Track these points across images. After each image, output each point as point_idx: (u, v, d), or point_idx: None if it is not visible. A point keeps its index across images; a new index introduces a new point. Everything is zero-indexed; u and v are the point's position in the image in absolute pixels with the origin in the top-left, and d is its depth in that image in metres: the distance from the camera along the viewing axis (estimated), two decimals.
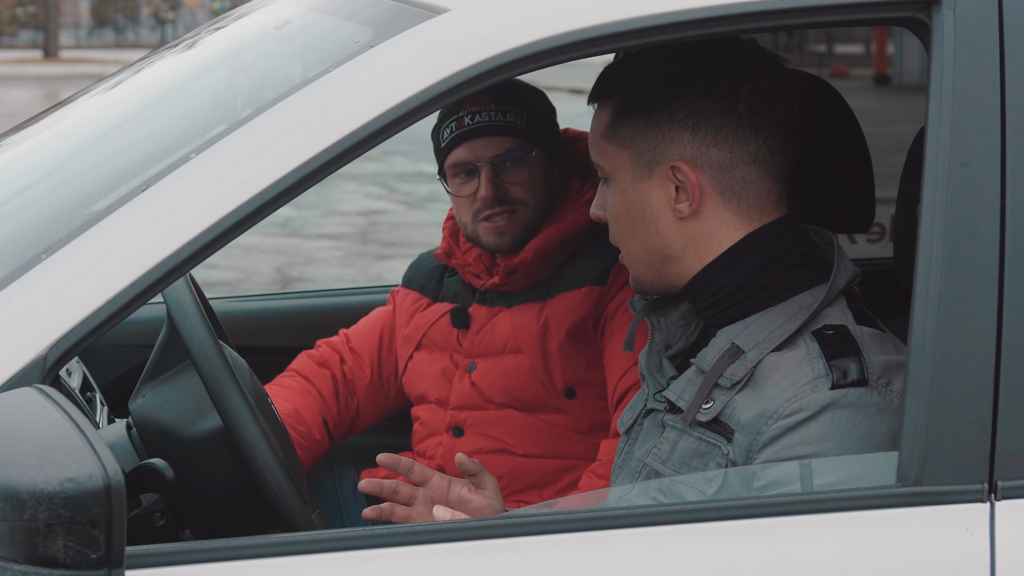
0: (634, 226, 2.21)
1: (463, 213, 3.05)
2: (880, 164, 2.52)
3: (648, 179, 2.18)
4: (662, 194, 2.18)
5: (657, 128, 2.17)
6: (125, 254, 1.84)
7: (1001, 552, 1.87)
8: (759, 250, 2.17)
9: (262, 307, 3.96)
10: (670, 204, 2.18)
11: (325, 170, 1.88)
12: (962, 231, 1.90)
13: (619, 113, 2.20)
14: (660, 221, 2.19)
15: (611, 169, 2.21)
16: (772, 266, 2.17)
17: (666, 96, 2.17)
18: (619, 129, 2.19)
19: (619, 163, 2.20)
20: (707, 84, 2.16)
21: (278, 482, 2.22)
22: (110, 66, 28.44)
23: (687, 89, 2.16)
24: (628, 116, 2.19)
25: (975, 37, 1.94)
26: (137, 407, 2.37)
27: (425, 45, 1.94)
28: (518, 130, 3.01)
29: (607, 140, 2.21)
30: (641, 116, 2.18)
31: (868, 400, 2.06)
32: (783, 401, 2.07)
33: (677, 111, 2.16)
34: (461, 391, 3.10)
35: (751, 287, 2.17)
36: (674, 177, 2.16)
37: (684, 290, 2.22)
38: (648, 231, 2.20)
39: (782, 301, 2.16)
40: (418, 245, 10.40)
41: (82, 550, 1.62)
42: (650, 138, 2.17)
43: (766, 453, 2.06)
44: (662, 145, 2.17)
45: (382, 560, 1.82)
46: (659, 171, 2.17)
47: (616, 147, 2.20)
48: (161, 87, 2.56)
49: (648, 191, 2.18)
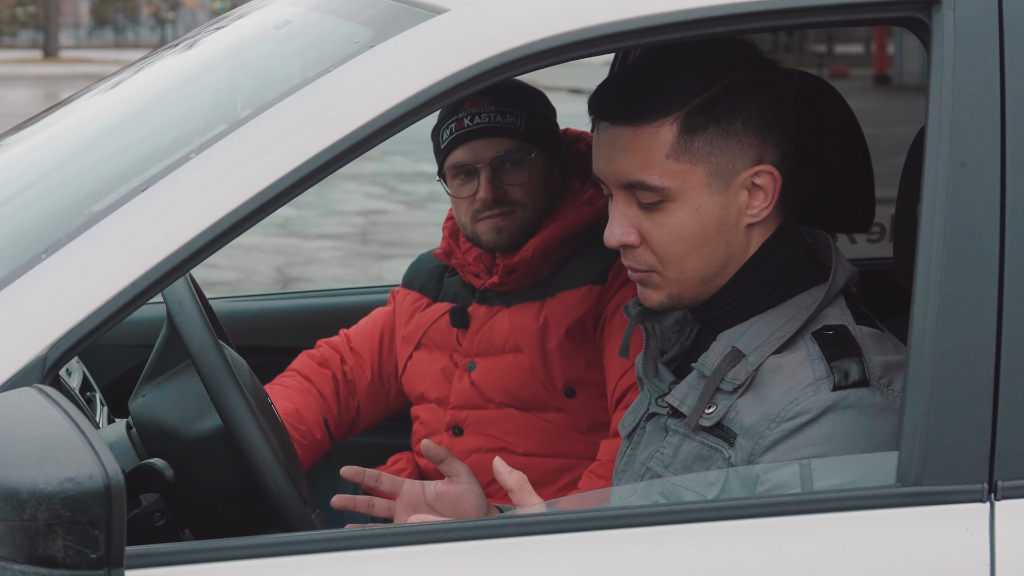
0: (706, 241, 2.12)
1: (462, 214, 3.05)
2: (880, 164, 2.52)
3: (727, 190, 2.11)
4: (737, 202, 2.12)
5: (735, 137, 2.10)
6: (125, 254, 1.84)
7: (1001, 552, 1.87)
8: (777, 254, 2.16)
9: (262, 307, 3.96)
10: (743, 211, 2.13)
11: (325, 170, 1.88)
12: (962, 231, 1.90)
13: (689, 128, 2.09)
14: (731, 232, 2.13)
15: (680, 187, 2.10)
16: (784, 270, 2.17)
17: (733, 102, 2.10)
18: (692, 144, 2.09)
19: (692, 179, 2.10)
20: (759, 85, 2.12)
21: (278, 482, 2.22)
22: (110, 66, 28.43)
23: (748, 92, 2.11)
24: (702, 129, 2.09)
25: (975, 37, 1.94)
26: (137, 407, 2.37)
27: (425, 45, 1.94)
28: (517, 131, 3.01)
29: (676, 159, 2.09)
30: (717, 127, 2.10)
31: (870, 400, 2.06)
32: (785, 404, 2.07)
33: (750, 116, 2.11)
34: (461, 390, 3.10)
35: (764, 292, 2.16)
36: (751, 183, 2.12)
37: (711, 300, 2.18)
38: (718, 244, 2.13)
39: (782, 303, 2.16)
40: (418, 245, 10.40)
41: (82, 550, 1.62)
42: (730, 149, 2.10)
43: (769, 456, 2.06)
44: (741, 154, 2.11)
45: (382, 560, 1.82)
46: (739, 179, 2.11)
47: (688, 164, 2.09)
48: (161, 87, 2.56)
49: (727, 202, 2.12)
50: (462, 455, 3.07)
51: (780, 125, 2.15)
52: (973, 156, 1.91)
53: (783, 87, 2.18)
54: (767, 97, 2.13)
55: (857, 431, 2.04)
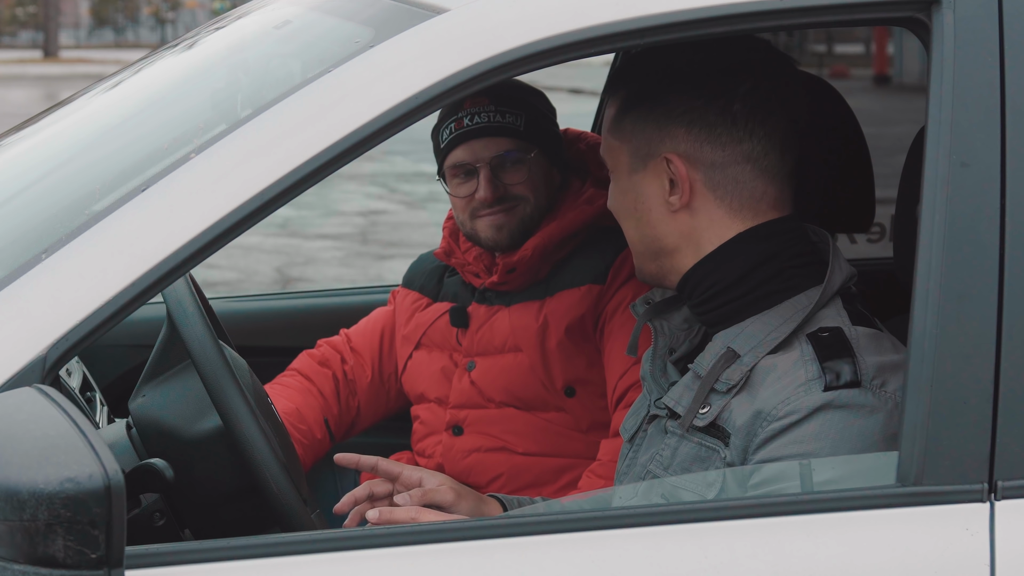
0: (629, 215, 2.25)
1: (461, 212, 3.06)
2: (880, 164, 2.52)
3: (643, 171, 2.22)
4: (656, 186, 2.21)
5: (655, 123, 2.20)
6: (125, 254, 1.84)
7: (1001, 552, 1.87)
8: (751, 249, 2.17)
9: (262, 307, 3.96)
10: (663, 197, 2.21)
11: (325, 170, 1.88)
12: (962, 231, 1.90)
13: (623, 108, 2.24)
14: (652, 212, 2.22)
15: (612, 162, 2.26)
16: (763, 266, 2.17)
17: (665, 92, 2.20)
18: (621, 123, 2.24)
19: (619, 156, 2.25)
20: (704, 82, 2.17)
21: (278, 482, 2.22)
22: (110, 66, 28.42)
23: (685, 86, 2.18)
24: (630, 111, 2.23)
25: (975, 37, 1.94)
26: (137, 407, 2.37)
27: (425, 45, 1.94)
28: (517, 131, 3.01)
29: (611, 134, 2.26)
30: (642, 111, 2.21)
31: (861, 401, 2.06)
32: (776, 403, 2.07)
33: (674, 107, 2.19)
34: (460, 390, 3.10)
35: (741, 286, 2.17)
36: (668, 170, 2.19)
37: (679, 287, 2.24)
38: (642, 221, 2.23)
39: (777, 303, 2.16)
40: (418, 245, 10.40)
41: (82, 550, 1.62)
42: (647, 132, 2.21)
43: (760, 455, 2.06)
44: (657, 139, 2.20)
45: (382, 560, 1.82)
46: (653, 163, 2.20)
47: (618, 140, 2.25)
48: (161, 87, 2.56)
49: (642, 182, 2.22)
50: (462, 454, 3.07)
51: (736, 123, 2.17)
52: (973, 156, 1.91)
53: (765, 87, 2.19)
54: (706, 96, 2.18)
55: (846, 431, 2.04)
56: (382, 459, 2.49)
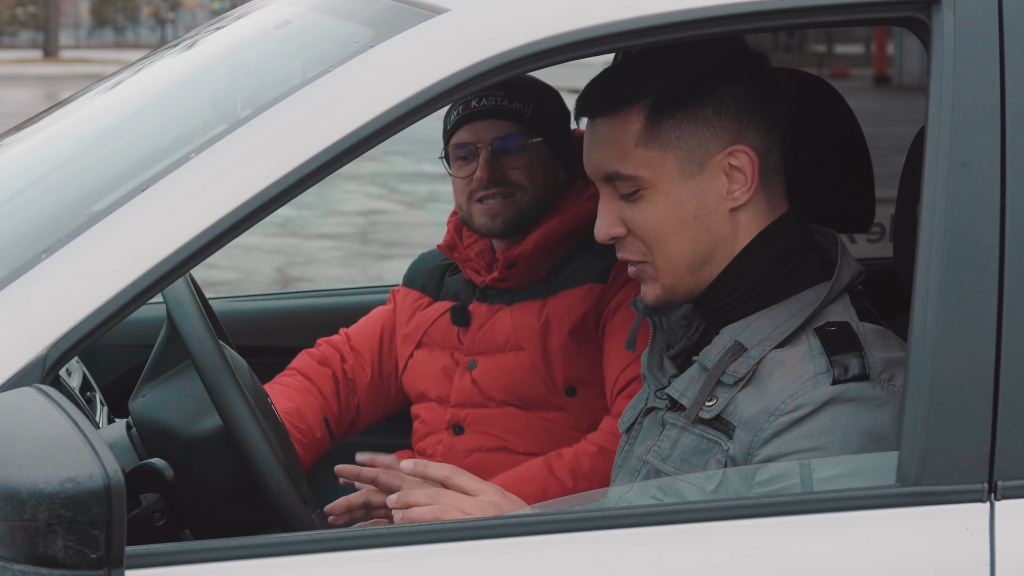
0: (684, 227, 2.15)
1: (460, 195, 3.07)
2: (880, 164, 2.52)
3: (700, 174, 2.15)
4: (717, 185, 2.15)
5: (704, 121, 2.14)
6: (125, 254, 1.84)
7: (1001, 552, 1.87)
8: (772, 247, 2.17)
9: (262, 307, 3.96)
10: (723, 195, 2.15)
11: (325, 170, 1.88)
12: (962, 231, 1.90)
13: (653, 118, 2.14)
14: (713, 215, 2.16)
15: (653, 175, 2.14)
16: (782, 264, 2.17)
17: (697, 89, 2.14)
18: (660, 131, 2.14)
19: (663, 166, 2.14)
20: (734, 74, 2.16)
21: (278, 482, 2.22)
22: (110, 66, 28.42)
23: (720, 80, 2.15)
24: (665, 118, 2.14)
25: (975, 37, 1.94)
26: (137, 407, 2.36)
27: (425, 45, 1.94)
28: (522, 117, 3.03)
29: (646, 146, 2.15)
30: (685, 113, 2.14)
31: (870, 394, 2.06)
32: (785, 397, 2.07)
33: (721, 102, 2.14)
34: (461, 389, 3.10)
35: (762, 285, 2.17)
36: (729, 166, 2.14)
37: (705, 292, 2.20)
38: (699, 228, 2.15)
39: (786, 298, 2.17)
40: (418, 245, 10.39)
41: (82, 550, 1.62)
42: (701, 133, 2.14)
43: (767, 449, 2.06)
44: (714, 138, 2.14)
45: (382, 560, 1.82)
46: (713, 163, 2.14)
47: (659, 151, 2.14)
48: (161, 87, 2.56)
49: (701, 186, 2.15)
50: (462, 454, 3.07)
51: (762, 109, 2.17)
52: (973, 156, 1.91)
53: (765, 75, 2.20)
54: (744, 83, 2.16)
55: (855, 424, 2.04)
56: (383, 472, 2.47)
